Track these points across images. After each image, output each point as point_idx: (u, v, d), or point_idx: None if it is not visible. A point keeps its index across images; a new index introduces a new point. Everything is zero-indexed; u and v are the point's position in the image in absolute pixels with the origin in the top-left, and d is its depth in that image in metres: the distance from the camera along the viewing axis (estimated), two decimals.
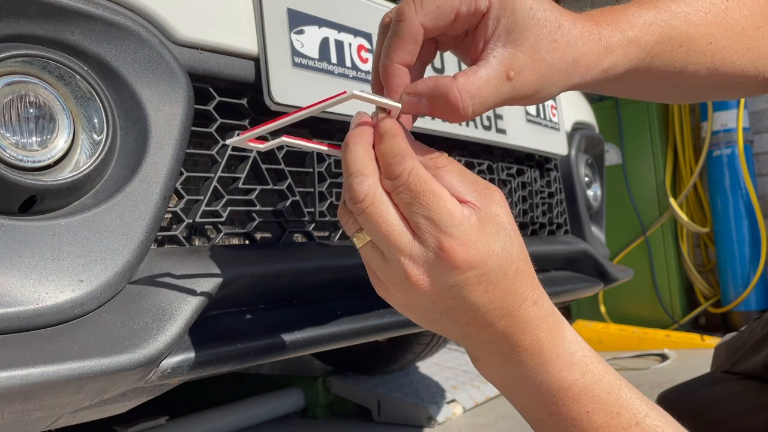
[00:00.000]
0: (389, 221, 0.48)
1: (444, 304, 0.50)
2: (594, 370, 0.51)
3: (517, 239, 0.50)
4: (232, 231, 0.77)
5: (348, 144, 0.50)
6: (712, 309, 3.36)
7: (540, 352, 0.51)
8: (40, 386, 0.50)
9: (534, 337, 0.51)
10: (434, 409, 1.82)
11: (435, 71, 0.97)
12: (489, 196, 0.50)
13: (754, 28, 0.66)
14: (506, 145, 1.13)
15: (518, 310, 0.50)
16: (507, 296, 0.49)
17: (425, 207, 0.47)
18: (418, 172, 0.47)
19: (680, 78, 0.64)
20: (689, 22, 0.62)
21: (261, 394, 1.97)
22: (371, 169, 0.49)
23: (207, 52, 0.70)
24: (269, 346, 0.70)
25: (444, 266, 0.47)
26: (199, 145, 0.73)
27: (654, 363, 2.55)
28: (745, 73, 0.67)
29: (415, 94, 0.51)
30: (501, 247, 0.48)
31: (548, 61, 0.52)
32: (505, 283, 0.49)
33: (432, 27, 0.50)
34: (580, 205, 1.41)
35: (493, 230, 0.48)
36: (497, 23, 0.51)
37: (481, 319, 0.50)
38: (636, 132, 3.42)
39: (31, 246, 0.55)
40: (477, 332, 0.52)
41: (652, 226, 3.40)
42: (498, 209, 0.50)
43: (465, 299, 0.49)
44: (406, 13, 0.50)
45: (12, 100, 0.56)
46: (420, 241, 0.48)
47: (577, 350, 0.52)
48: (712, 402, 0.95)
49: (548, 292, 0.53)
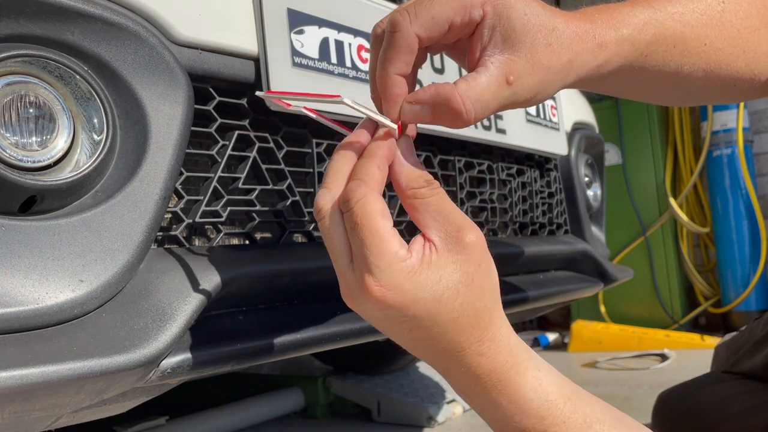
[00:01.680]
0: (333, 240, 0.49)
1: (378, 326, 0.51)
2: (557, 413, 0.51)
3: (470, 290, 0.49)
4: (232, 231, 0.77)
5: (335, 152, 0.52)
6: (712, 309, 3.36)
7: (488, 397, 0.51)
8: (40, 386, 0.50)
9: (480, 384, 0.51)
10: (434, 409, 1.82)
11: (435, 71, 0.97)
12: (456, 238, 0.49)
13: (750, 31, 0.66)
14: (506, 145, 1.13)
15: (457, 354, 0.50)
16: (440, 341, 0.49)
17: (360, 240, 0.47)
18: (364, 204, 0.47)
19: (675, 79, 0.64)
20: (684, 22, 0.62)
21: (261, 394, 1.97)
22: (338, 184, 0.50)
23: (207, 52, 0.70)
24: (269, 346, 0.70)
25: (364, 298, 0.48)
26: (199, 145, 0.73)
27: (654, 363, 2.55)
28: (740, 75, 0.67)
29: (417, 103, 0.51)
30: (433, 296, 0.47)
31: (545, 65, 0.53)
32: (435, 330, 0.49)
33: (426, 37, 0.51)
34: (580, 205, 1.41)
35: (433, 278, 0.48)
36: (492, 31, 0.51)
37: (418, 350, 0.51)
38: (636, 132, 3.42)
39: (31, 246, 0.55)
40: (423, 358, 0.52)
41: (652, 226, 3.40)
42: (459, 256, 0.49)
43: (392, 330, 0.50)
44: (400, 24, 0.50)
45: (12, 100, 0.56)
46: (352, 268, 0.49)
47: (535, 397, 0.51)
48: (712, 402, 0.95)
49: (548, 292, 0.53)
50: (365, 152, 0.51)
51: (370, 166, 0.49)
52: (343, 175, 0.50)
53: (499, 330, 0.51)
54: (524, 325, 3.82)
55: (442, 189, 0.51)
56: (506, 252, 1.09)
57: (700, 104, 0.95)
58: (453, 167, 1.08)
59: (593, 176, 1.54)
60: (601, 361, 2.63)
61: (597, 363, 2.62)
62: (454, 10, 0.50)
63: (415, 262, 0.48)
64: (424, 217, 0.50)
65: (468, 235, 0.49)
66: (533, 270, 1.25)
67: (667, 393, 1.05)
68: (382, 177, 0.50)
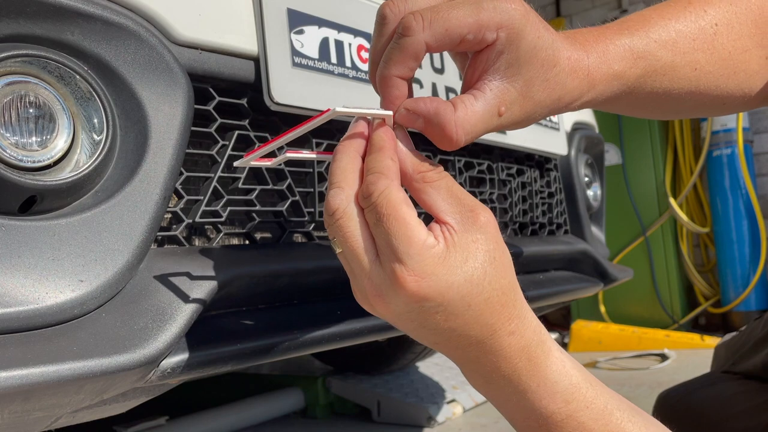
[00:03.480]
0: (355, 238, 0.48)
1: (405, 324, 0.50)
2: (580, 398, 0.50)
3: (495, 268, 0.49)
4: (232, 231, 0.77)
5: (336, 152, 0.51)
6: (712, 309, 3.36)
7: (518, 381, 0.50)
8: (40, 386, 0.50)
9: (511, 366, 0.50)
10: (434, 409, 1.82)
11: (435, 71, 0.97)
12: (472, 219, 0.48)
13: (741, 52, 0.66)
14: (506, 145, 1.13)
15: (489, 339, 0.49)
16: (473, 326, 0.48)
17: (386, 231, 0.46)
18: (388, 195, 0.47)
19: (664, 100, 0.64)
20: (676, 51, 0.62)
21: (261, 394, 1.97)
22: (349, 182, 0.49)
23: (207, 52, 0.70)
24: (269, 346, 0.70)
25: (396, 293, 0.47)
26: (199, 145, 0.73)
27: (654, 363, 2.55)
28: (730, 94, 0.67)
29: (414, 113, 0.51)
30: (465, 278, 0.47)
31: (536, 100, 0.53)
32: (469, 314, 0.48)
33: (435, 46, 0.50)
34: (580, 205, 1.41)
35: (460, 259, 0.47)
36: (499, 56, 0.51)
37: (448, 343, 0.50)
38: (636, 132, 3.42)
39: (31, 246, 0.55)
40: (449, 352, 0.52)
41: (652, 226, 3.40)
42: (478, 235, 0.48)
43: (424, 324, 0.49)
44: (413, 29, 0.49)
45: (12, 100, 0.56)
46: (380, 263, 0.48)
47: (561, 379, 0.50)
48: (712, 402, 0.95)
49: (548, 292, 0.53)
50: (373, 146, 0.50)
51: (384, 158, 0.49)
52: (352, 172, 0.50)
53: (523, 306, 0.51)
54: None
55: (447, 173, 0.51)
56: None
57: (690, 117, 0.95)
58: (453, 167, 1.08)
59: (593, 176, 1.54)
60: (601, 361, 2.63)
61: (597, 363, 2.62)
62: (469, 27, 0.49)
63: (443, 247, 0.47)
64: (436, 200, 0.49)
65: (482, 215, 0.49)
66: (533, 270, 1.25)
67: (667, 393, 1.04)
68: (397, 168, 0.50)
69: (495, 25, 0.50)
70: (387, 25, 0.52)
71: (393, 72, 0.51)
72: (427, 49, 0.50)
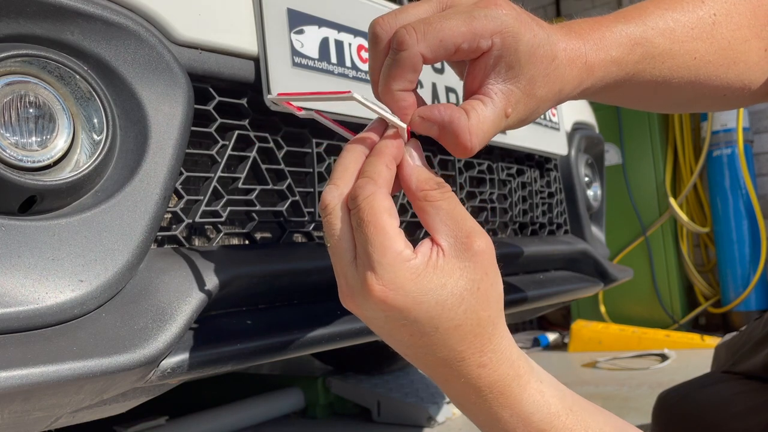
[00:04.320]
0: (338, 236, 0.49)
1: (376, 329, 0.51)
2: (559, 426, 0.50)
3: (476, 298, 0.48)
4: (232, 231, 0.77)
5: (344, 149, 0.51)
6: (712, 309, 3.36)
7: (489, 410, 0.50)
8: (40, 386, 0.50)
9: (481, 397, 0.50)
10: (434, 409, 1.82)
11: (435, 71, 0.97)
12: (466, 245, 0.48)
13: (741, 42, 0.66)
14: (506, 145, 1.13)
15: (457, 364, 0.49)
16: (441, 348, 0.48)
17: (365, 237, 0.47)
18: (372, 201, 0.47)
19: (664, 90, 0.65)
20: (674, 39, 0.62)
21: (261, 394, 1.97)
22: (346, 181, 0.49)
23: (207, 52, 0.70)
24: (269, 346, 0.70)
25: (365, 298, 0.47)
26: (199, 145, 0.73)
27: (654, 363, 2.55)
28: (730, 85, 0.67)
29: (428, 120, 0.51)
30: (437, 300, 0.47)
31: (539, 96, 0.54)
32: (436, 336, 0.48)
33: (432, 57, 0.50)
34: (580, 205, 1.41)
35: (437, 283, 0.47)
36: (498, 60, 0.51)
37: (416, 358, 0.51)
38: (636, 132, 3.42)
39: (31, 246, 0.55)
40: (420, 367, 0.52)
41: (652, 226, 3.40)
42: (467, 263, 0.48)
43: (392, 333, 0.50)
44: (407, 43, 0.49)
45: (12, 100, 0.56)
46: (356, 266, 0.48)
47: (537, 410, 0.50)
48: (712, 402, 0.95)
49: (548, 292, 0.53)
50: (374, 150, 0.51)
51: (379, 164, 0.49)
52: (352, 172, 0.50)
53: (501, 341, 0.50)
54: (524, 325, 3.82)
55: (453, 193, 0.51)
56: (506, 252, 1.09)
57: (690, 112, 0.95)
58: (453, 167, 1.08)
59: (593, 176, 1.54)
60: (601, 361, 2.63)
61: (597, 363, 2.62)
62: (463, 36, 0.50)
63: (419, 263, 0.47)
64: (434, 220, 0.49)
65: (477, 243, 0.48)
66: (533, 270, 1.25)
67: (667, 393, 1.04)
68: (391, 175, 0.50)
69: (489, 33, 0.50)
70: (380, 43, 0.52)
71: (394, 87, 0.51)
72: (423, 60, 0.50)
